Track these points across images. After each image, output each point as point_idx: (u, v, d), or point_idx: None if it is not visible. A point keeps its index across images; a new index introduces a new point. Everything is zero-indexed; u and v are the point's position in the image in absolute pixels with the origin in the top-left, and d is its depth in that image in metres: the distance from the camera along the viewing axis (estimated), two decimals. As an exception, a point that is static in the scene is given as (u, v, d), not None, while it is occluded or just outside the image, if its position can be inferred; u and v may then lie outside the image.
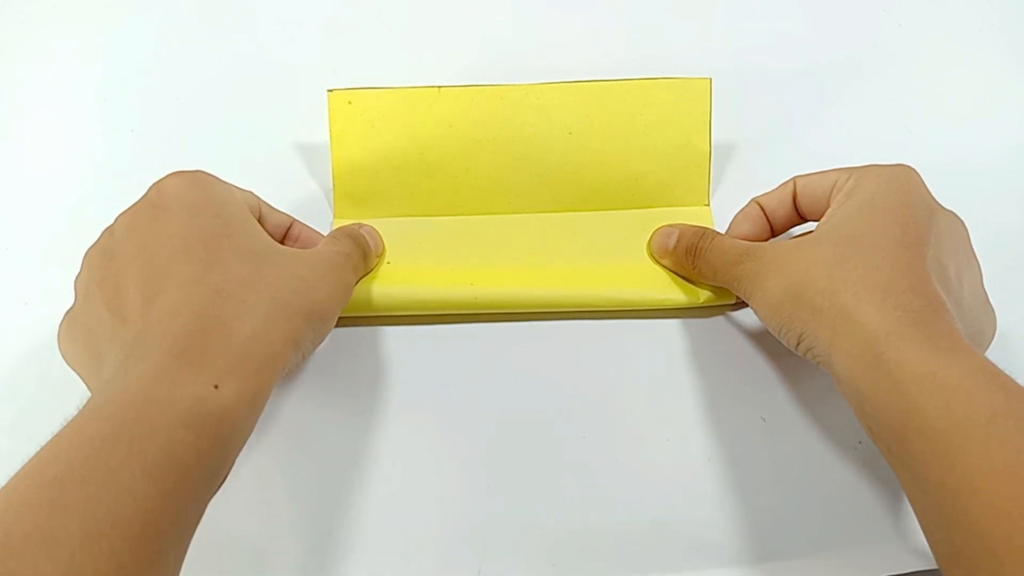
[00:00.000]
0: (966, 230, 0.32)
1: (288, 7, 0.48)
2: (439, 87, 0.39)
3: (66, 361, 0.30)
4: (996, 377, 0.25)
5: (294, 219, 0.37)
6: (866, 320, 0.27)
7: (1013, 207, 0.42)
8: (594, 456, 0.34)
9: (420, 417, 0.35)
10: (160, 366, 0.25)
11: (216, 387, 0.25)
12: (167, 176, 0.31)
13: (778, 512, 0.33)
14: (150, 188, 0.31)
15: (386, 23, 0.46)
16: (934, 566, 0.32)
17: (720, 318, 0.38)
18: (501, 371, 0.36)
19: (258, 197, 0.35)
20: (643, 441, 0.34)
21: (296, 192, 0.41)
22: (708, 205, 0.41)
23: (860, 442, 0.35)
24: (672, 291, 0.37)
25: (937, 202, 0.32)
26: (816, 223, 0.34)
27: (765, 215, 0.37)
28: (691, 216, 0.40)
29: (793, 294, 0.30)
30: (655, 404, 0.35)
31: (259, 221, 0.34)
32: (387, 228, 0.39)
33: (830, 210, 0.33)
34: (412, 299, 0.36)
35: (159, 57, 0.46)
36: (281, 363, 0.28)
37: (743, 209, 0.38)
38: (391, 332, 0.37)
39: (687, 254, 0.36)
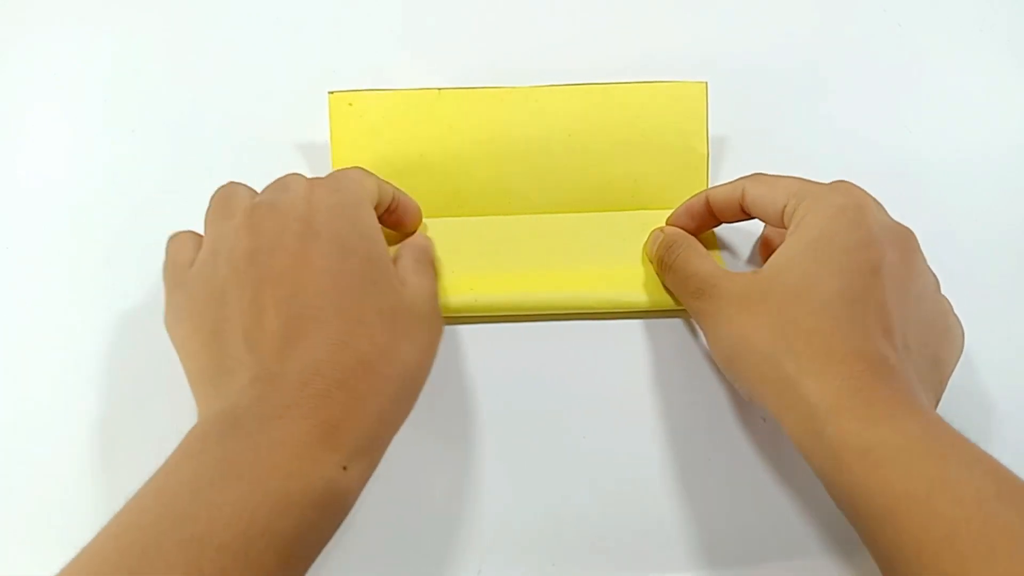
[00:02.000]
0: (914, 243, 0.31)
1: (288, 7, 0.48)
2: (439, 89, 0.39)
3: (168, 330, 0.29)
4: (935, 443, 0.25)
5: (394, 190, 0.36)
6: (807, 392, 0.27)
7: (1013, 207, 0.42)
8: (594, 456, 0.34)
9: (420, 417, 0.35)
10: (302, 438, 0.24)
11: (345, 468, 0.24)
12: (319, 187, 0.30)
13: (778, 512, 0.33)
14: (300, 188, 0.29)
15: (386, 24, 0.46)
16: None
17: (720, 318, 0.38)
18: (501, 371, 0.36)
19: (377, 182, 0.33)
20: (643, 441, 0.34)
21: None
22: None
23: (860, 442, 0.35)
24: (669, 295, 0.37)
25: (882, 224, 0.31)
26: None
27: (710, 210, 0.37)
28: None
29: (741, 356, 0.30)
30: (655, 404, 0.35)
31: (377, 211, 0.33)
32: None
33: (781, 249, 0.32)
34: None
35: (159, 57, 0.46)
36: (389, 440, 0.27)
37: (689, 201, 0.37)
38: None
39: (659, 265, 0.36)
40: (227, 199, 0.31)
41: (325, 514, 0.24)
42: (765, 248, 0.39)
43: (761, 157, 0.43)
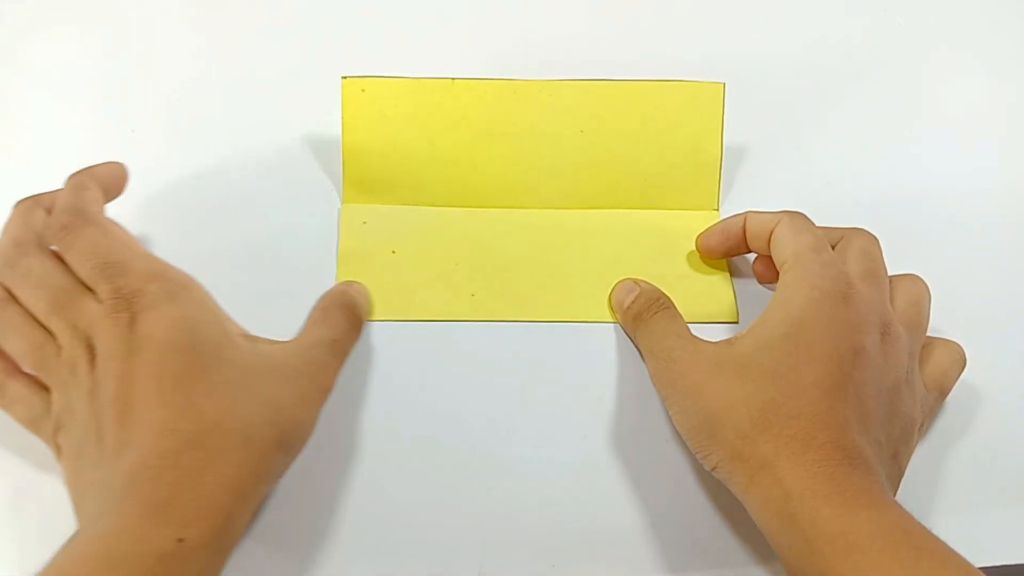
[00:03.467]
0: (893, 327, 0.32)
1: (290, 13, 0.48)
2: (452, 79, 0.39)
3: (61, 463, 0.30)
4: (908, 535, 0.26)
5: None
6: (783, 475, 0.27)
7: (1014, 208, 0.42)
8: (594, 456, 0.34)
9: (420, 417, 0.35)
10: (126, 521, 0.25)
11: (180, 540, 0.25)
12: (148, 314, 0.29)
13: (778, 512, 0.33)
14: (129, 319, 0.29)
15: (398, 14, 0.46)
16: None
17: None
18: (502, 371, 0.36)
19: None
20: (643, 441, 0.34)
21: (304, 182, 0.41)
22: (717, 210, 0.41)
23: (860, 442, 0.35)
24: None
25: (867, 306, 0.31)
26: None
27: (744, 235, 0.37)
28: (700, 220, 0.40)
29: (712, 429, 0.30)
30: (655, 404, 0.35)
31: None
32: (394, 215, 0.39)
33: (759, 322, 0.32)
34: (413, 310, 0.37)
35: (160, 56, 0.46)
36: (253, 499, 0.28)
37: (727, 220, 0.38)
38: (392, 331, 0.37)
39: (635, 318, 0.36)
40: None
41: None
42: (761, 266, 0.38)
43: (771, 163, 0.43)
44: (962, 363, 0.34)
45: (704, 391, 0.30)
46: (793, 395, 0.29)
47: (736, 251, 0.38)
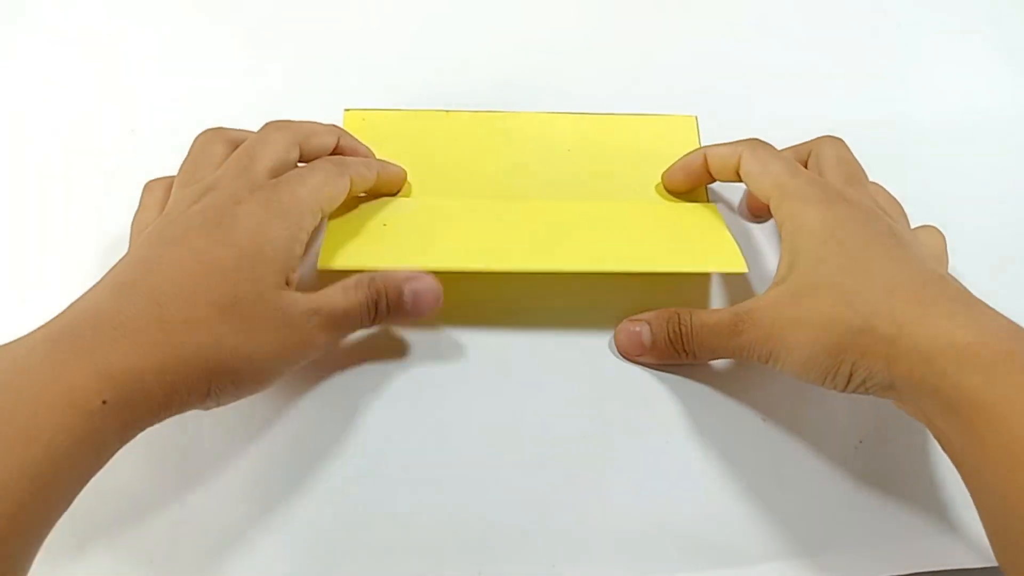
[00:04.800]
0: (894, 206, 0.35)
1: (290, 13, 0.48)
2: (447, 111, 0.42)
3: None
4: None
5: (340, 133, 0.37)
6: (918, 341, 0.28)
7: (1011, 206, 0.42)
8: (594, 457, 0.34)
9: (420, 417, 0.35)
10: (69, 364, 0.26)
11: (104, 402, 0.25)
12: (263, 194, 0.31)
13: (777, 512, 0.33)
14: (244, 186, 0.32)
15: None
16: (934, 567, 0.32)
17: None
18: (503, 372, 0.36)
19: (333, 192, 0.34)
20: (643, 441, 0.34)
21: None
22: (711, 203, 0.41)
23: (860, 442, 0.35)
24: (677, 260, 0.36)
25: (863, 193, 0.34)
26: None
27: (707, 168, 0.38)
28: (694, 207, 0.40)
29: (829, 344, 0.29)
30: (655, 404, 0.35)
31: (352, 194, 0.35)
32: (390, 208, 0.39)
33: (788, 258, 0.32)
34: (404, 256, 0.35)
35: (160, 56, 0.46)
36: (198, 403, 0.28)
37: (685, 158, 0.39)
38: (392, 332, 0.37)
39: (671, 345, 0.35)
40: (197, 163, 0.34)
41: (75, 444, 0.24)
42: (752, 200, 0.40)
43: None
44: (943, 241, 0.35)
45: (799, 322, 0.30)
46: (876, 281, 0.30)
47: (699, 184, 0.40)
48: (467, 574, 0.31)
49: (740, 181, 0.37)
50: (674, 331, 0.34)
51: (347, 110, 0.42)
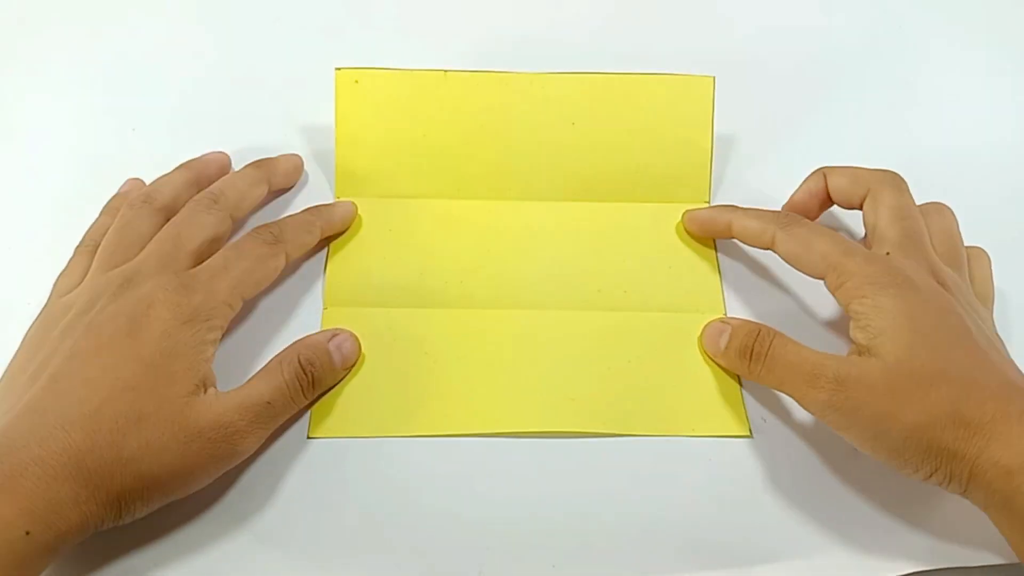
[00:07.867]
0: (961, 287, 0.34)
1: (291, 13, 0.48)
2: (445, 71, 0.39)
3: None
4: None
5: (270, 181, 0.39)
6: (998, 456, 0.28)
7: (1012, 206, 0.42)
8: (594, 456, 0.34)
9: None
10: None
11: (28, 533, 0.25)
12: (158, 303, 0.31)
13: (777, 513, 0.33)
14: (148, 293, 0.31)
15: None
16: (933, 567, 0.32)
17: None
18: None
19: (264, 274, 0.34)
20: (643, 441, 0.34)
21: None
22: (708, 202, 0.41)
23: (860, 443, 0.35)
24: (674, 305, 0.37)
25: (930, 269, 0.33)
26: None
27: (827, 189, 0.37)
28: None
29: (920, 443, 0.29)
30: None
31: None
32: (387, 207, 0.39)
33: (865, 333, 0.31)
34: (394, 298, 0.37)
35: (160, 55, 0.46)
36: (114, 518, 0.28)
37: (806, 183, 0.38)
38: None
39: (740, 356, 0.34)
40: (122, 238, 0.34)
41: (2, 571, 0.25)
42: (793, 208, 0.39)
43: (763, 155, 0.43)
44: (988, 264, 0.36)
45: (898, 412, 0.29)
46: (971, 383, 0.29)
47: (823, 209, 0.39)
48: (467, 574, 0.31)
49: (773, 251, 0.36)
50: (748, 346, 0.33)
51: (338, 69, 0.39)
